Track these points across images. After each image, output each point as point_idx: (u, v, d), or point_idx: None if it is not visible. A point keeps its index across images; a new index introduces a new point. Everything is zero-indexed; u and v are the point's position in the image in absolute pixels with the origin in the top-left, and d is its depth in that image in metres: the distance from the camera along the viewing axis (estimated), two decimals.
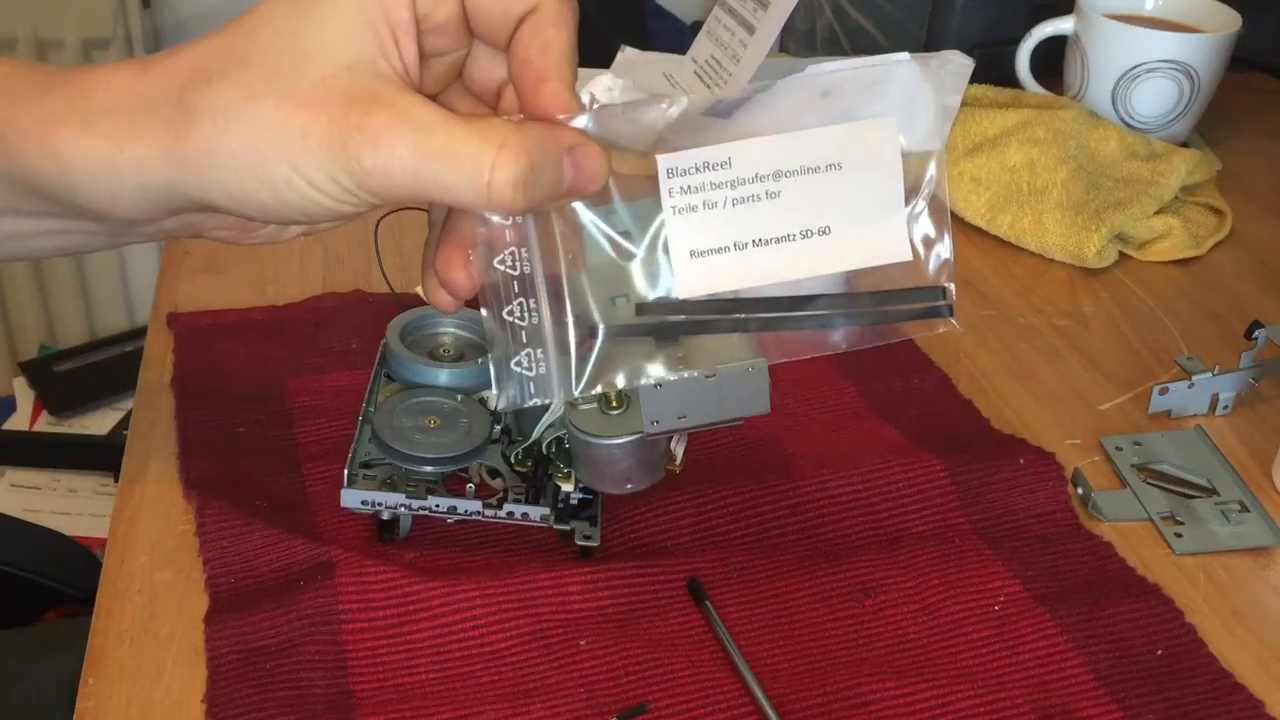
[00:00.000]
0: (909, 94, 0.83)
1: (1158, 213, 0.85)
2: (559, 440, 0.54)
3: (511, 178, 0.39)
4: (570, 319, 0.47)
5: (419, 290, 0.71)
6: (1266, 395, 0.70)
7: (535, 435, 0.55)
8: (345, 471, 0.54)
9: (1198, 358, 0.70)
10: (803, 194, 0.48)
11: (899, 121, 0.83)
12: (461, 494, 0.54)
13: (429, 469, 0.55)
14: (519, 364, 0.47)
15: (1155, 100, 0.94)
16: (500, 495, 0.55)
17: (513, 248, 0.45)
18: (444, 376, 0.58)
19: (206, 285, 0.74)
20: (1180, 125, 0.96)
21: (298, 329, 0.69)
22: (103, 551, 0.55)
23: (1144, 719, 0.49)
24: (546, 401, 0.48)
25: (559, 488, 0.55)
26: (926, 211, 0.50)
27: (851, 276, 0.49)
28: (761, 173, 0.48)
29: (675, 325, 0.48)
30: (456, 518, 0.54)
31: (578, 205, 0.46)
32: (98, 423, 1.57)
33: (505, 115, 0.44)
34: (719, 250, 0.47)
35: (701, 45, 0.96)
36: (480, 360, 0.59)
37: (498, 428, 0.57)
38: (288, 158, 0.38)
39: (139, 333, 1.67)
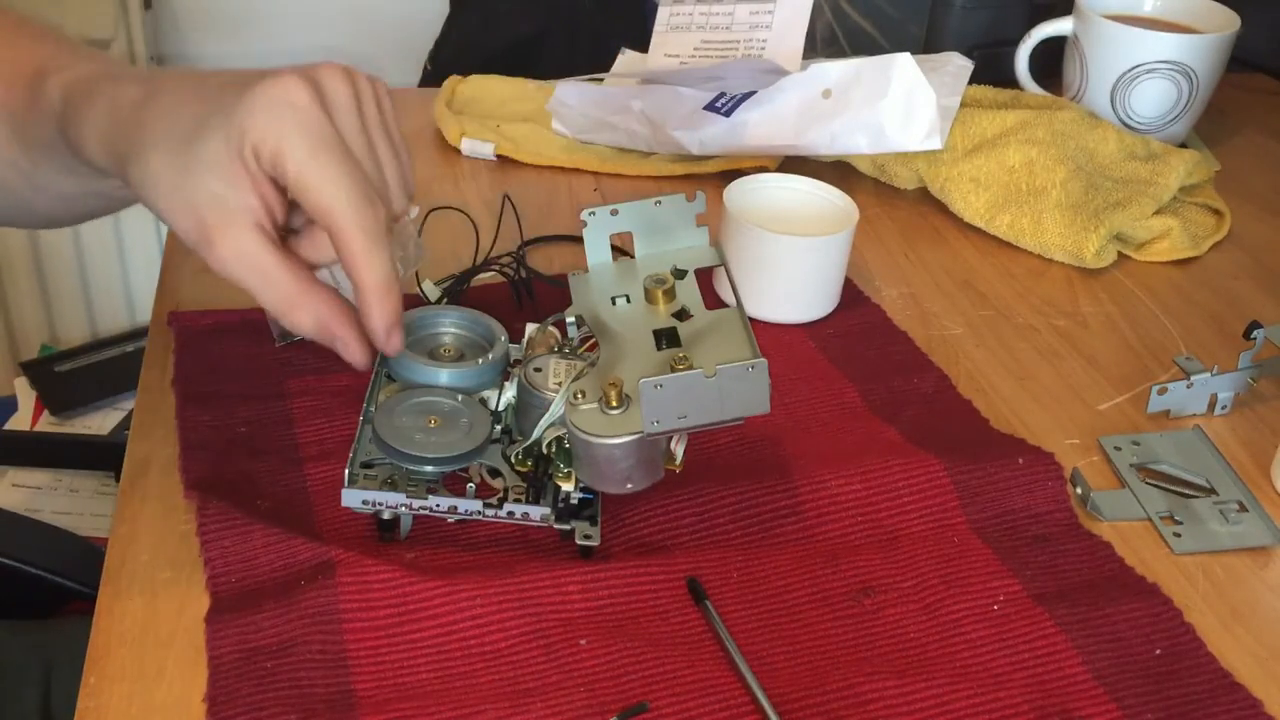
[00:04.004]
0: (909, 94, 0.84)
1: (1156, 213, 0.85)
2: (559, 440, 0.54)
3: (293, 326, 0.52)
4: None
5: (419, 290, 0.71)
6: (1265, 395, 0.70)
7: (535, 435, 0.55)
8: (346, 471, 0.54)
9: (1196, 358, 0.70)
10: None
11: (899, 121, 0.84)
12: (462, 494, 0.54)
13: (429, 469, 0.55)
14: None
15: (1154, 101, 0.94)
16: (500, 495, 0.55)
17: None
18: (444, 376, 0.58)
19: (207, 285, 0.74)
20: (1179, 126, 0.97)
21: None
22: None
23: (1142, 718, 0.49)
24: None
25: (559, 488, 0.55)
26: None
27: None
28: None
29: None
30: (457, 517, 0.55)
31: None
32: (99, 423, 1.57)
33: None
34: None
35: (673, 40, 0.94)
36: (480, 360, 0.59)
37: (498, 428, 0.57)
38: (171, 221, 0.51)
39: (140, 333, 1.67)
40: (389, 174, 0.53)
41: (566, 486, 0.55)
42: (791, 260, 0.72)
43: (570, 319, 0.59)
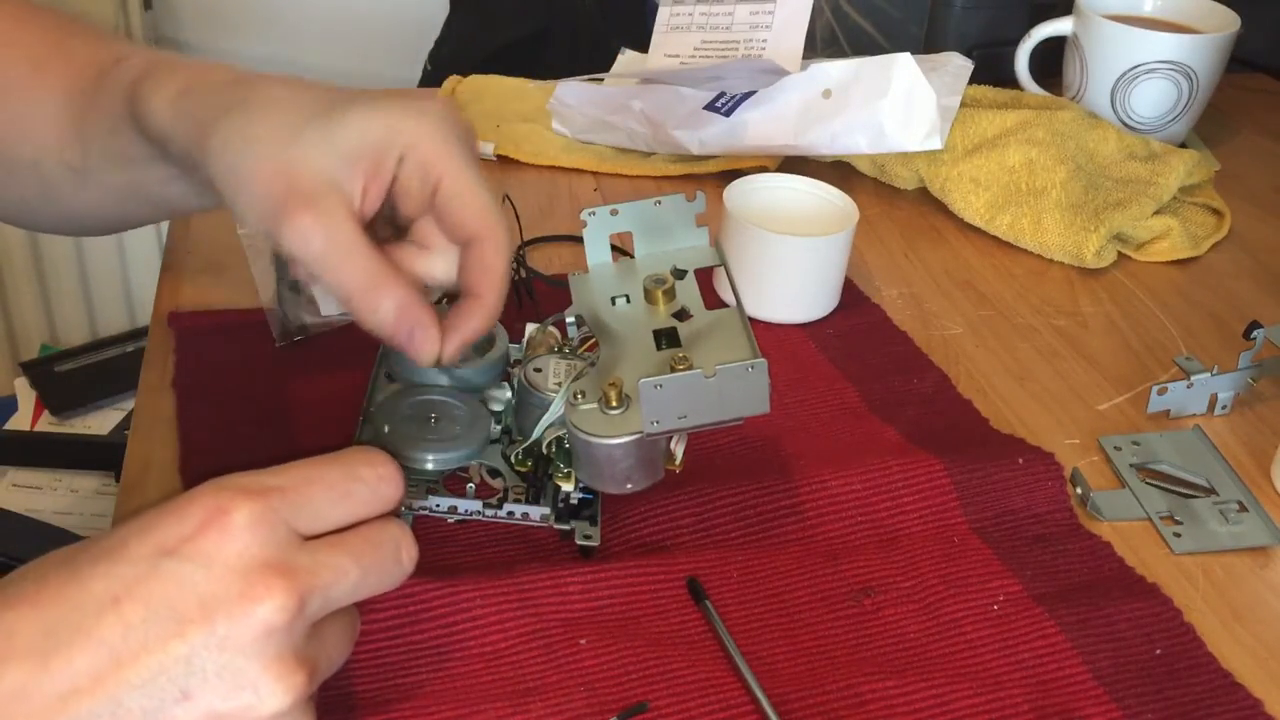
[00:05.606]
0: (909, 94, 0.84)
1: (1156, 213, 0.85)
2: (559, 440, 0.54)
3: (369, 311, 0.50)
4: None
5: None
6: (1265, 395, 0.70)
7: (535, 435, 0.55)
8: None
9: (1196, 358, 0.70)
10: None
11: (899, 121, 0.84)
12: (462, 494, 0.54)
13: (429, 469, 0.55)
14: None
15: (1154, 101, 0.94)
16: (500, 495, 0.55)
17: None
18: (444, 376, 0.58)
19: (207, 285, 0.74)
20: (1179, 126, 0.97)
21: None
22: None
23: (1142, 718, 0.49)
24: None
25: (559, 488, 0.55)
26: None
27: None
28: None
29: None
30: (457, 518, 0.55)
31: None
32: (99, 423, 1.57)
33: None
34: None
35: (673, 40, 0.94)
36: (480, 360, 0.59)
37: (498, 428, 0.57)
38: (248, 184, 0.49)
39: (140, 333, 1.67)
40: None
41: (566, 486, 0.55)
42: (791, 260, 0.72)
43: (570, 319, 0.59)
